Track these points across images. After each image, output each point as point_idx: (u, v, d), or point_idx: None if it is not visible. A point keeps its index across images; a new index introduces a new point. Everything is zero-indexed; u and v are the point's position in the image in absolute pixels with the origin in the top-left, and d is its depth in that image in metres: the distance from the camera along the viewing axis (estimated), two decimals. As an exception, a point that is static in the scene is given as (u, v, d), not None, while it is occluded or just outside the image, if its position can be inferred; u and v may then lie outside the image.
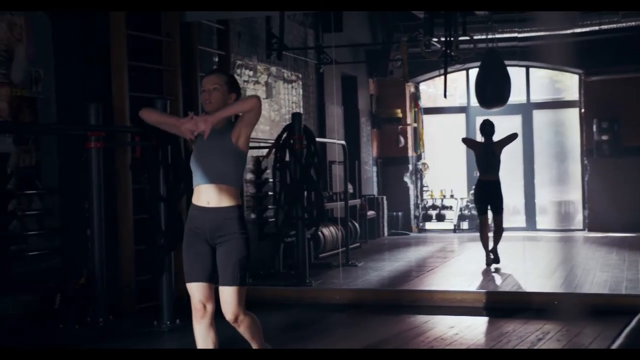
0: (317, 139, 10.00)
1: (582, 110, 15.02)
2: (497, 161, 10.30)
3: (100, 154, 7.24)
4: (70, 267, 7.66)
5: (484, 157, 10.33)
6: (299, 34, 12.32)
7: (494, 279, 9.69)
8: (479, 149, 10.42)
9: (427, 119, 16.51)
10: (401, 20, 14.35)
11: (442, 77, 12.46)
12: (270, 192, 10.29)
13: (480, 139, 10.65)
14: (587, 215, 15.01)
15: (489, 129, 10.38)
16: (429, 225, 16.05)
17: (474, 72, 13.77)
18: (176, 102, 8.22)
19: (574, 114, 15.31)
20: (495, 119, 10.71)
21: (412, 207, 15.97)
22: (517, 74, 14.81)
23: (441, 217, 15.92)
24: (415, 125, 16.14)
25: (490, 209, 10.39)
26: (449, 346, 6.12)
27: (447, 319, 7.20)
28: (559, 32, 13.04)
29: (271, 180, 9.85)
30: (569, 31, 13.14)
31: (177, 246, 4.44)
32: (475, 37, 12.47)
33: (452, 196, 15.95)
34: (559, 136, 16.29)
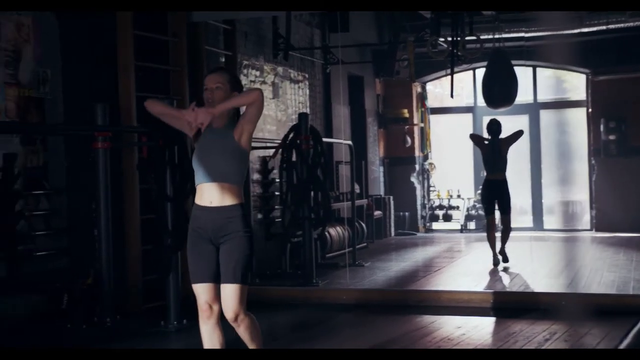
0: (324, 139, 10.00)
1: (590, 110, 14.99)
2: (504, 160, 10.29)
3: (107, 154, 7.25)
4: (77, 267, 7.67)
5: (491, 156, 10.32)
6: (306, 34, 12.32)
7: (501, 279, 9.68)
8: (486, 148, 10.40)
9: (434, 119, 16.50)
10: (408, 20, 14.35)
11: (449, 77, 12.45)
12: (276, 193, 10.29)
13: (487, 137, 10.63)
14: (594, 215, 14.97)
15: (495, 128, 10.36)
16: (435, 225, 16.03)
17: (480, 72, 13.74)
18: (183, 103, 8.23)
19: (581, 114, 15.27)
20: (502, 118, 10.68)
21: (419, 207, 15.95)
22: (524, 73, 14.77)
23: (448, 217, 15.89)
24: (422, 125, 16.12)
25: (497, 208, 10.38)
26: (456, 346, 6.11)
27: (454, 319, 7.19)
28: (566, 31, 13.01)
29: (278, 180, 9.86)
30: (576, 31, 13.12)
31: (184, 246, 4.45)
32: (482, 37, 12.46)
33: (459, 196, 15.92)
34: (566, 136, 16.25)
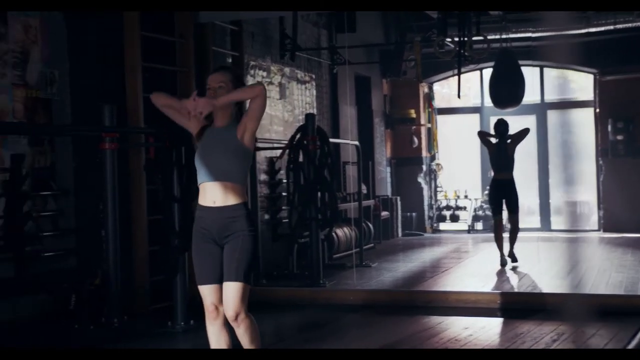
0: (331, 140, 9.99)
1: (597, 110, 14.95)
2: (512, 159, 10.28)
3: (114, 155, 7.26)
4: (85, 267, 7.69)
5: (498, 155, 10.31)
6: (313, 35, 12.32)
7: (509, 280, 9.66)
8: (493, 147, 10.39)
9: (441, 119, 16.48)
10: (414, 20, 14.34)
11: (456, 77, 12.41)
12: (284, 193, 10.29)
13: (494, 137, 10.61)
14: (602, 215, 14.93)
15: (503, 128, 10.35)
16: (443, 225, 16.02)
17: (487, 72, 13.73)
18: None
19: (588, 114, 15.22)
20: (509, 119, 10.66)
21: (426, 207, 15.94)
22: (531, 73, 14.75)
23: (455, 218, 15.88)
24: (429, 125, 16.10)
25: (505, 207, 10.36)
26: (463, 347, 6.10)
27: (462, 319, 7.18)
28: (573, 31, 12.97)
29: (285, 181, 9.85)
30: (583, 31, 13.08)
31: (191, 247, 4.46)
32: (489, 37, 12.44)
33: (466, 197, 15.90)
34: (574, 136, 16.04)
